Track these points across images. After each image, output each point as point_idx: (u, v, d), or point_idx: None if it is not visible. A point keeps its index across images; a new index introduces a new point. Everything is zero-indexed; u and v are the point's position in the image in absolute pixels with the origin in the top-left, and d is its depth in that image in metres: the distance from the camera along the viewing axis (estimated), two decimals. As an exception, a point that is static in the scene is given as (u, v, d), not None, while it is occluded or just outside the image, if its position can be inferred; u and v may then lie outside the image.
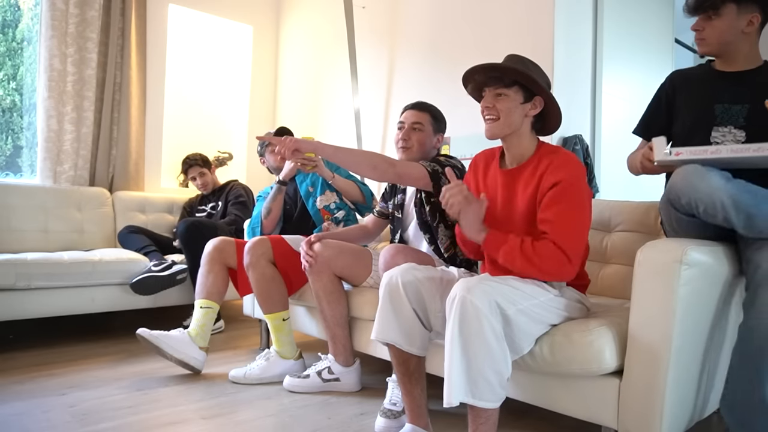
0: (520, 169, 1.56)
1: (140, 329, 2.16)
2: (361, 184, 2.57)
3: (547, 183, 1.46)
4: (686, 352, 1.37)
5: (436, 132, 2.11)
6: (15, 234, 2.95)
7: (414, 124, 2.07)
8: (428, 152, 2.10)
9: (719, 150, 1.40)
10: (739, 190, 1.35)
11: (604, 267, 2.04)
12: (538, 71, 1.57)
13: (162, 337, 2.18)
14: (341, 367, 2.08)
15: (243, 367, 2.20)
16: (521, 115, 1.54)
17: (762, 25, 1.62)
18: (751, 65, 1.64)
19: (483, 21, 2.96)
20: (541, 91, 1.53)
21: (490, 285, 1.34)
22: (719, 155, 1.40)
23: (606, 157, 2.89)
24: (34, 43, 3.37)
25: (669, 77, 1.83)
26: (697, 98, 1.70)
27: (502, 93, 1.53)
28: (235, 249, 2.43)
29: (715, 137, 1.63)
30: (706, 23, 1.63)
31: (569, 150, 2.65)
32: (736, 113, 1.60)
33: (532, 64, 1.58)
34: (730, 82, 1.65)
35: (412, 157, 2.07)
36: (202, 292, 2.35)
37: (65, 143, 3.29)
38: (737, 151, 1.38)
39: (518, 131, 1.56)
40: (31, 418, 1.75)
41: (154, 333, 2.17)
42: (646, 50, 3.36)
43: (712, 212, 1.37)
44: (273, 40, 4.37)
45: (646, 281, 1.37)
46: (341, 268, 2.07)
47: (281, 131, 2.66)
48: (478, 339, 1.29)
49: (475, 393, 1.30)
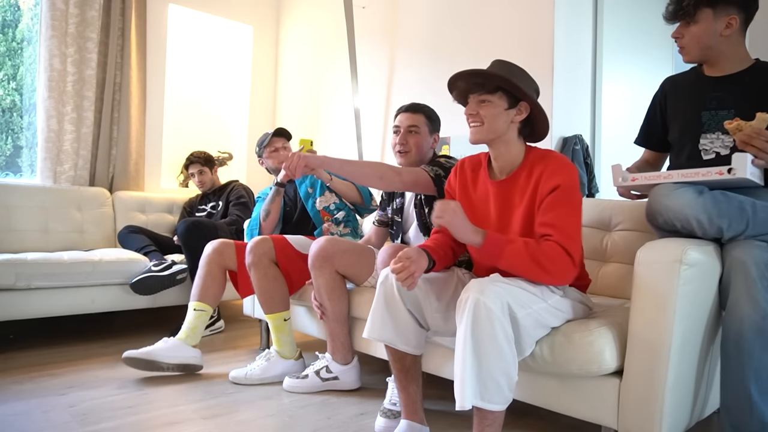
0: (513, 179, 1.55)
1: (125, 353, 2.14)
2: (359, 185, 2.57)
3: (545, 188, 1.46)
4: (686, 352, 1.37)
5: (432, 132, 2.11)
6: (15, 234, 2.95)
7: (410, 128, 2.07)
8: (426, 153, 2.10)
9: (671, 175, 1.49)
10: (711, 202, 1.39)
11: (604, 266, 2.04)
12: (523, 77, 1.55)
13: (152, 351, 2.16)
14: (339, 365, 2.08)
15: (243, 368, 2.20)
16: (506, 121, 1.53)
17: (745, 24, 1.60)
18: (738, 67, 1.62)
19: (483, 21, 2.96)
20: (526, 97, 1.52)
21: (503, 287, 1.33)
22: (670, 180, 1.48)
23: (606, 157, 2.89)
24: (34, 43, 3.37)
25: (661, 85, 1.83)
26: (685, 106, 1.70)
27: (486, 99, 1.52)
28: (234, 251, 2.44)
29: (704, 144, 1.63)
30: (685, 30, 1.62)
31: (569, 150, 2.66)
32: (723, 119, 1.59)
33: (518, 70, 1.56)
34: (717, 88, 1.63)
35: (411, 161, 2.07)
36: (197, 294, 2.35)
37: (65, 143, 3.29)
38: (687, 175, 1.46)
39: (504, 137, 1.54)
40: (31, 418, 1.75)
41: (141, 350, 2.15)
42: (646, 50, 3.36)
43: (689, 227, 1.42)
44: (273, 40, 4.38)
45: (646, 281, 1.37)
46: (344, 265, 2.06)
47: (279, 132, 2.66)
48: (491, 341, 1.28)
49: (485, 395, 1.29)
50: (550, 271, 1.39)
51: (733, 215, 1.39)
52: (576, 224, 1.44)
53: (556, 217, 1.42)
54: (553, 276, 1.40)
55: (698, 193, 1.41)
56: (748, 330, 1.31)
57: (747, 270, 1.35)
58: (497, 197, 1.57)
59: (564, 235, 1.40)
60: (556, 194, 1.44)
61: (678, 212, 1.42)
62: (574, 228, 1.43)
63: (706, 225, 1.40)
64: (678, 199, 1.41)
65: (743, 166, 1.35)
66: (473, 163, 1.68)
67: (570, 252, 1.39)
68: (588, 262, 2.05)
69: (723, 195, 1.41)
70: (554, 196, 1.44)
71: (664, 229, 1.49)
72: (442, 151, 3.11)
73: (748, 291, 1.33)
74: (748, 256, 1.36)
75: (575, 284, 1.58)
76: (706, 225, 1.40)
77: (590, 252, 2.06)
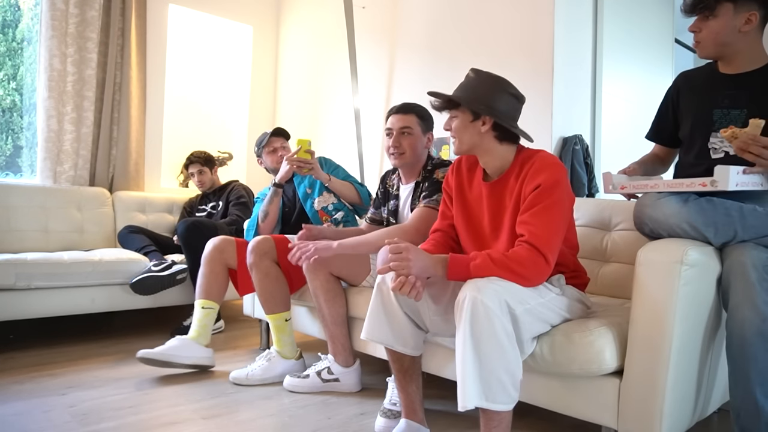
0: (503, 180, 1.56)
1: (139, 352, 2.15)
2: (359, 186, 2.56)
3: (528, 188, 1.46)
4: (687, 353, 1.37)
5: (425, 132, 2.09)
6: (15, 234, 2.95)
7: (402, 129, 2.05)
8: (421, 154, 2.09)
9: (657, 185, 1.50)
10: (696, 210, 1.39)
11: (604, 266, 2.04)
12: (483, 88, 1.53)
13: (166, 350, 2.18)
14: (341, 367, 2.07)
15: (244, 369, 2.20)
16: (474, 133, 1.54)
17: (764, 21, 1.56)
18: (753, 65, 1.58)
19: (483, 21, 2.96)
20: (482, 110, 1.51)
21: (500, 284, 1.33)
22: (657, 189, 1.49)
23: (606, 157, 2.89)
24: (34, 43, 3.37)
25: (675, 80, 1.81)
26: (697, 103, 1.68)
27: (453, 115, 1.57)
28: (235, 249, 2.43)
29: (713, 143, 1.61)
30: (703, 24, 1.58)
31: (569, 150, 2.65)
32: (735, 118, 1.57)
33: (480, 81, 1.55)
34: (731, 86, 1.60)
35: (406, 162, 2.06)
36: (202, 292, 2.35)
37: (65, 143, 3.29)
38: (672, 185, 1.46)
39: (482, 147, 1.55)
40: (31, 418, 1.75)
41: (155, 350, 2.17)
42: (646, 50, 3.35)
43: (675, 236, 1.43)
44: (273, 40, 4.37)
45: (646, 281, 1.37)
46: (339, 267, 2.06)
47: (278, 132, 2.66)
48: (491, 339, 1.28)
49: (489, 395, 1.28)
50: (522, 274, 1.37)
51: (719, 222, 1.39)
52: (553, 222, 1.42)
53: (531, 216, 1.42)
54: (526, 278, 1.38)
55: (683, 202, 1.41)
56: (750, 334, 1.31)
57: (746, 273, 1.34)
58: (489, 199, 1.58)
59: (536, 234, 1.39)
60: (536, 193, 1.44)
61: (662, 222, 1.43)
62: (550, 226, 1.41)
63: (691, 234, 1.40)
64: (662, 209, 1.42)
65: (725, 179, 1.34)
66: (470, 163, 1.69)
67: (541, 251, 1.38)
68: (588, 262, 2.05)
69: (708, 202, 1.40)
70: (534, 195, 1.44)
71: (653, 237, 1.50)
72: (442, 152, 3.10)
73: (747, 295, 1.33)
74: (747, 258, 1.36)
75: (574, 282, 1.58)
76: (692, 234, 1.40)
77: (590, 252, 2.06)
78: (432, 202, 1.92)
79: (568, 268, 1.58)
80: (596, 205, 2.12)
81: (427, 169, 2.07)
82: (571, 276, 1.57)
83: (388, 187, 2.24)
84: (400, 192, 2.16)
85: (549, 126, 2.64)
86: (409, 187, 2.13)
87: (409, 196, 2.11)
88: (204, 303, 2.33)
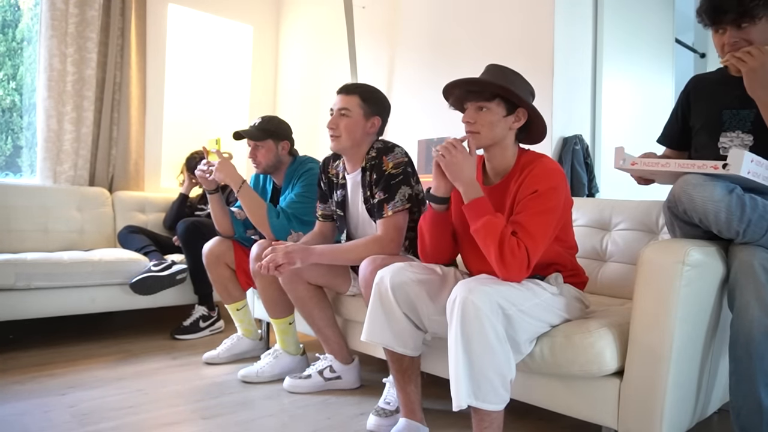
0: (504, 183, 1.55)
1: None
2: (275, 215, 2.25)
3: (526, 191, 1.46)
4: (687, 353, 1.37)
5: (368, 116, 1.94)
6: (15, 234, 2.95)
7: (341, 110, 1.93)
8: (360, 139, 1.94)
9: (668, 163, 1.45)
10: (737, 204, 1.34)
11: (604, 266, 2.04)
12: (519, 82, 1.53)
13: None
14: (342, 365, 2.09)
15: (253, 366, 2.20)
16: (505, 128, 1.52)
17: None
18: None
19: (483, 21, 2.96)
20: (523, 103, 1.51)
21: (492, 286, 1.34)
22: (668, 168, 1.45)
23: (606, 157, 2.89)
24: (34, 43, 3.36)
25: (686, 84, 1.81)
26: (708, 104, 1.69)
27: (484, 107, 1.50)
28: (231, 249, 2.47)
29: (723, 143, 1.62)
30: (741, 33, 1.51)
31: (569, 150, 2.65)
32: (744, 117, 1.58)
33: (513, 75, 1.55)
34: (741, 86, 1.58)
35: (342, 146, 1.94)
36: (228, 297, 2.48)
37: (65, 143, 3.29)
38: (683, 166, 1.42)
39: (502, 143, 1.55)
40: (32, 418, 1.75)
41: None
42: (646, 50, 3.35)
43: (706, 223, 1.38)
44: (273, 39, 4.37)
45: (647, 282, 1.37)
46: (316, 278, 2.01)
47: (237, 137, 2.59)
48: (480, 339, 1.28)
49: (478, 394, 1.29)
50: (505, 262, 1.36)
51: (753, 222, 1.35)
52: (543, 227, 1.41)
53: (524, 217, 1.42)
54: (506, 267, 1.37)
55: (728, 191, 1.35)
56: (758, 333, 1.30)
57: (755, 273, 1.33)
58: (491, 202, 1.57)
59: (528, 236, 1.39)
60: (531, 197, 1.44)
61: (700, 205, 1.35)
62: (541, 230, 1.40)
63: (723, 225, 1.35)
64: (705, 191, 1.35)
65: (738, 163, 1.31)
66: None
67: (529, 252, 1.38)
68: (588, 261, 2.05)
69: (752, 200, 1.36)
70: (529, 198, 1.44)
71: (681, 218, 1.44)
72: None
73: (757, 294, 1.32)
74: (755, 259, 1.35)
75: (573, 281, 1.58)
76: (724, 225, 1.35)
77: (590, 252, 2.06)
78: (397, 205, 1.85)
79: (566, 268, 1.58)
80: (596, 205, 2.12)
81: (370, 155, 1.95)
82: (569, 275, 1.57)
83: (332, 176, 2.11)
84: (347, 180, 2.04)
85: (549, 126, 2.63)
86: (355, 175, 2.00)
87: (357, 185, 2.00)
88: (232, 307, 2.50)
